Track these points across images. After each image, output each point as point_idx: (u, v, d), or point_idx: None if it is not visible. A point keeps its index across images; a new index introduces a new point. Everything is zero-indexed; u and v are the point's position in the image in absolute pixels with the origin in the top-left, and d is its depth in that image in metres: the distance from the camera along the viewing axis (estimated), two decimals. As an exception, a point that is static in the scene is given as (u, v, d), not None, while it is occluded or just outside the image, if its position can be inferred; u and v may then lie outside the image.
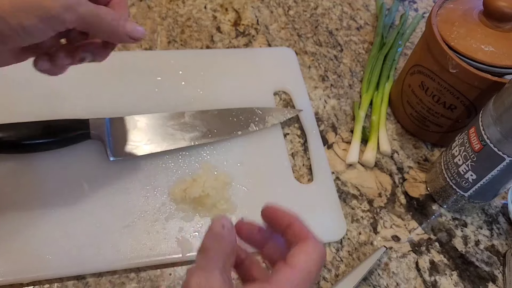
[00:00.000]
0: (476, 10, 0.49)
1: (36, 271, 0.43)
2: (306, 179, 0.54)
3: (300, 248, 0.31)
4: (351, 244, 0.50)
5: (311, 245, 0.31)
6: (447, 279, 0.48)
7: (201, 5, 0.69)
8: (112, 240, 0.45)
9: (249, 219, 0.35)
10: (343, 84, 0.63)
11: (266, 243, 0.34)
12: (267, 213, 0.34)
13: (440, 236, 0.51)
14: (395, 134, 0.59)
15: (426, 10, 0.75)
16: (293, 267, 0.30)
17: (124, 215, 0.47)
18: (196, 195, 0.47)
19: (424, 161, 0.57)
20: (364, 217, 0.52)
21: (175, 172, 0.50)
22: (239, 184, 0.51)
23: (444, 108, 0.52)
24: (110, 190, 0.48)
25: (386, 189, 0.54)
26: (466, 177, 0.47)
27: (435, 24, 0.49)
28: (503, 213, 0.54)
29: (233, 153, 0.53)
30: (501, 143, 0.41)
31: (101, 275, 0.44)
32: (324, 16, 0.72)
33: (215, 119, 0.54)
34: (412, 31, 0.70)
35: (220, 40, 0.66)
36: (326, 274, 0.47)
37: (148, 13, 0.67)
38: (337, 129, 0.59)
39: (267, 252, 0.34)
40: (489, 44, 0.47)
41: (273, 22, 0.69)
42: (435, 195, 0.54)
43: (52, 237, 0.44)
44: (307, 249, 0.31)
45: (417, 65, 0.53)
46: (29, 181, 0.47)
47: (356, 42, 0.69)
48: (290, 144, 0.56)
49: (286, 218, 0.33)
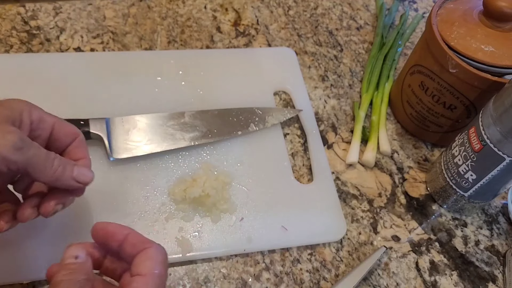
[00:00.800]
0: (476, 10, 0.49)
1: (36, 271, 0.43)
2: (306, 179, 0.54)
3: (144, 256, 0.31)
4: (351, 244, 0.50)
5: (153, 250, 0.31)
6: (447, 279, 0.48)
7: (201, 5, 0.69)
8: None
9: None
10: (343, 84, 0.63)
11: (102, 261, 0.34)
12: (98, 233, 0.33)
13: (440, 236, 0.51)
14: (395, 134, 0.59)
15: (426, 10, 0.75)
16: (144, 275, 0.30)
17: (124, 215, 0.47)
18: (196, 195, 0.47)
19: (424, 161, 0.57)
20: (364, 217, 0.52)
21: (175, 172, 0.50)
22: (239, 184, 0.51)
23: (444, 108, 0.52)
24: (110, 190, 0.48)
25: (386, 189, 0.54)
26: (466, 177, 0.47)
27: (435, 24, 0.49)
28: (503, 213, 0.54)
29: (233, 153, 0.53)
30: (501, 143, 0.41)
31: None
32: (324, 16, 0.72)
33: (215, 119, 0.54)
34: (412, 31, 0.70)
35: (220, 40, 0.66)
36: (326, 274, 0.47)
37: (148, 13, 0.67)
38: (337, 129, 0.59)
39: (106, 269, 0.34)
40: (489, 44, 0.47)
41: (273, 22, 0.69)
42: (435, 195, 0.54)
43: (52, 237, 0.44)
44: (151, 255, 0.31)
45: (417, 65, 0.53)
46: (29, 181, 0.47)
47: (356, 42, 0.69)
48: (290, 144, 0.56)
49: (119, 232, 0.33)
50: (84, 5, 0.66)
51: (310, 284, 0.46)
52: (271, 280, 0.46)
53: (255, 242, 0.47)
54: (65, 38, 0.62)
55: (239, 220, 0.48)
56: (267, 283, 0.46)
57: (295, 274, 0.47)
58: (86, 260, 0.31)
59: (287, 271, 0.47)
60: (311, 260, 0.48)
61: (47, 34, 0.61)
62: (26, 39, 0.60)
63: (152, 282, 0.30)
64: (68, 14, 0.64)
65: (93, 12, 0.65)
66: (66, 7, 0.65)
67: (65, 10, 0.65)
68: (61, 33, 0.62)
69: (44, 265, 0.43)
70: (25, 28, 0.62)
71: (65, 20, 0.63)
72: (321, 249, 0.49)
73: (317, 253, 0.48)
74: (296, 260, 0.48)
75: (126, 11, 0.66)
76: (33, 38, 0.61)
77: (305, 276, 0.47)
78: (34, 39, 0.61)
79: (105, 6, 0.66)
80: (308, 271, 0.47)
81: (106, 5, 0.66)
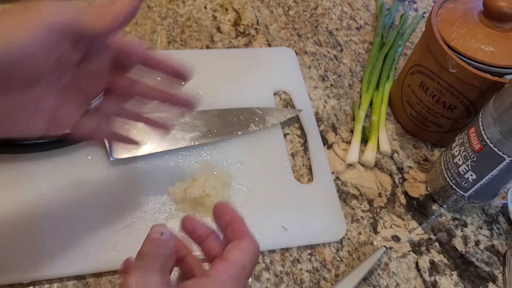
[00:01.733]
0: (476, 10, 0.49)
1: (36, 271, 0.43)
2: (306, 179, 0.54)
3: (236, 244, 0.32)
4: (351, 244, 0.50)
5: (246, 242, 0.33)
6: (447, 279, 0.48)
7: (201, 5, 0.69)
8: (112, 240, 0.45)
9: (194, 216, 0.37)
10: (343, 84, 0.63)
11: (206, 239, 0.36)
12: (216, 209, 0.35)
13: (440, 236, 0.51)
14: (395, 134, 0.59)
15: (426, 10, 0.75)
16: (229, 261, 0.31)
17: (124, 215, 0.47)
18: (196, 195, 0.47)
19: (424, 161, 0.57)
20: (364, 217, 0.52)
21: (175, 172, 0.50)
22: (239, 184, 0.51)
23: (444, 108, 0.52)
24: (110, 190, 0.48)
25: (386, 189, 0.54)
26: (466, 177, 0.47)
27: (435, 24, 0.49)
28: (503, 213, 0.54)
29: (233, 153, 0.53)
30: (501, 143, 0.41)
31: (101, 275, 0.44)
32: (324, 16, 0.72)
33: (215, 119, 0.54)
34: (412, 31, 0.70)
35: (220, 40, 0.66)
36: (326, 274, 0.47)
37: (148, 13, 0.67)
38: (337, 129, 0.59)
39: (206, 248, 0.36)
40: (489, 44, 0.47)
41: (273, 22, 0.69)
42: (435, 195, 0.54)
43: (52, 237, 0.44)
44: (242, 246, 0.32)
45: (417, 65, 0.53)
46: (29, 181, 0.47)
47: (356, 42, 0.69)
48: (290, 144, 0.56)
49: (229, 215, 0.35)
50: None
51: (310, 284, 0.46)
52: (271, 280, 0.46)
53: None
54: (65, 38, 0.61)
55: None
56: (267, 283, 0.46)
57: (295, 274, 0.47)
58: (170, 238, 0.32)
59: (287, 271, 0.47)
60: (311, 260, 0.48)
61: (47, 34, 0.61)
62: (26, 39, 0.60)
63: (233, 271, 0.31)
64: (68, 14, 0.64)
65: (93, 12, 0.65)
66: (66, 7, 0.65)
67: (65, 10, 0.64)
68: (61, 33, 0.62)
69: (44, 265, 0.43)
70: (25, 28, 0.61)
71: (65, 20, 0.63)
72: (321, 249, 0.49)
73: (317, 253, 0.48)
74: (296, 260, 0.48)
75: (126, 11, 0.66)
76: (33, 38, 0.61)
77: (305, 276, 0.47)
78: (34, 39, 0.61)
79: (105, 6, 0.66)
80: (308, 271, 0.47)
81: (106, 5, 0.66)
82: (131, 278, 0.29)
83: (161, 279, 0.29)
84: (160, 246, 0.32)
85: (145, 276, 0.29)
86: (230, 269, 0.31)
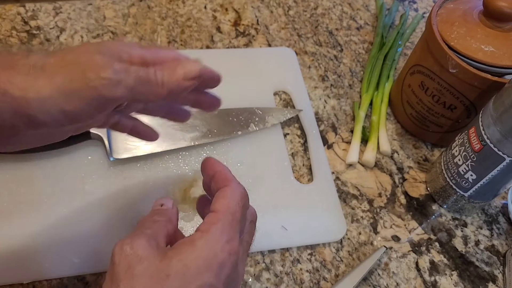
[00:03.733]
0: (476, 10, 0.49)
1: (36, 271, 0.43)
2: (306, 179, 0.54)
3: (220, 193, 0.32)
4: (351, 244, 0.50)
5: (230, 188, 0.33)
6: (447, 279, 0.48)
7: (201, 5, 0.69)
8: (112, 240, 0.45)
9: None
10: (343, 84, 0.63)
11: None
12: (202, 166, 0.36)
13: (440, 236, 0.51)
14: (395, 134, 0.59)
15: (426, 10, 0.75)
16: (216, 211, 0.31)
17: (124, 215, 0.47)
18: (196, 195, 0.47)
19: (424, 161, 0.57)
20: (364, 217, 0.52)
21: (175, 172, 0.50)
22: (239, 184, 0.51)
23: (444, 108, 0.52)
24: (110, 190, 0.48)
25: (386, 189, 0.54)
26: (466, 177, 0.47)
27: (435, 24, 0.49)
28: (503, 213, 0.54)
29: (233, 153, 0.53)
30: (501, 143, 0.41)
31: (101, 275, 0.44)
32: (324, 16, 0.72)
33: (215, 119, 0.54)
34: (412, 31, 0.70)
35: (220, 40, 0.66)
36: (326, 274, 0.47)
37: (148, 13, 0.67)
38: (337, 129, 0.59)
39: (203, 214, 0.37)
40: (489, 44, 0.47)
41: (273, 22, 0.69)
42: (435, 195, 0.54)
43: (52, 237, 0.44)
44: (226, 193, 0.32)
45: (417, 65, 0.53)
46: (29, 181, 0.47)
47: (356, 42, 0.69)
48: (290, 144, 0.56)
49: (212, 168, 0.34)
50: (84, 5, 0.66)
51: (310, 284, 0.46)
52: (271, 280, 0.46)
53: (255, 242, 0.47)
54: (65, 38, 0.62)
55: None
56: (267, 283, 0.46)
57: (295, 274, 0.47)
58: (171, 207, 0.34)
59: (287, 271, 0.47)
60: (311, 260, 0.48)
61: (47, 34, 0.61)
62: (26, 39, 0.60)
63: (223, 219, 0.31)
64: (68, 14, 0.64)
65: (93, 12, 0.65)
66: (66, 7, 0.65)
67: (65, 10, 0.65)
68: (61, 33, 0.62)
69: (44, 265, 0.43)
70: (25, 28, 0.62)
71: (65, 20, 0.63)
72: (321, 249, 0.49)
73: (317, 253, 0.48)
74: (296, 260, 0.48)
75: (126, 11, 0.66)
76: (33, 38, 0.61)
77: (305, 276, 0.47)
78: (34, 39, 0.61)
79: (105, 6, 0.66)
80: (308, 271, 0.47)
81: (106, 5, 0.66)
82: (118, 245, 0.29)
83: (148, 243, 0.29)
84: (156, 215, 0.32)
85: (132, 242, 0.29)
86: (218, 219, 0.31)
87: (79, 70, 0.28)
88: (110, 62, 0.28)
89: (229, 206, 0.31)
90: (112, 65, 0.28)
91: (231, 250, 0.30)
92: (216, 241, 0.29)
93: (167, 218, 0.33)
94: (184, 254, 0.29)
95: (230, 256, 0.30)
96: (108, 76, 0.28)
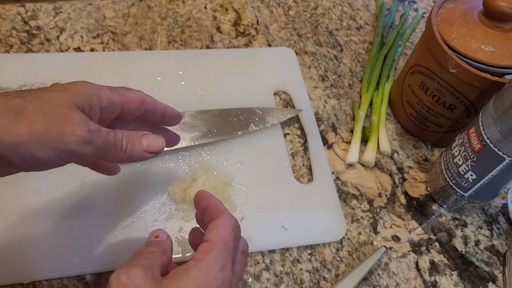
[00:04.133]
0: (476, 10, 0.49)
1: (36, 271, 0.43)
2: (306, 179, 0.54)
3: (213, 224, 0.34)
4: (351, 244, 0.50)
5: (222, 219, 0.34)
6: (447, 279, 0.48)
7: (201, 5, 0.69)
8: (112, 240, 0.45)
9: None
10: (343, 84, 0.63)
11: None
12: (195, 199, 0.37)
13: (440, 236, 0.51)
14: (395, 134, 0.59)
15: (426, 10, 0.75)
16: (210, 241, 0.32)
17: (124, 215, 0.47)
18: (196, 195, 0.47)
19: (424, 161, 0.57)
20: (364, 217, 0.52)
21: (175, 172, 0.50)
22: (239, 184, 0.51)
23: (444, 108, 0.52)
24: (110, 190, 0.48)
25: (386, 189, 0.54)
26: (466, 177, 0.47)
27: (435, 24, 0.49)
28: (503, 213, 0.54)
29: (233, 153, 0.53)
30: (501, 143, 0.41)
31: (101, 275, 0.44)
32: (324, 16, 0.72)
33: (215, 119, 0.54)
34: (412, 31, 0.70)
35: (220, 40, 0.66)
36: (326, 274, 0.47)
37: (148, 13, 0.67)
38: (337, 129, 0.59)
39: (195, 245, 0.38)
40: (489, 44, 0.47)
41: (273, 22, 0.69)
42: (435, 195, 0.54)
43: (51, 237, 0.44)
44: (218, 224, 0.34)
45: (417, 65, 0.53)
46: (28, 181, 0.47)
47: (356, 42, 0.69)
48: (290, 144, 0.56)
49: (205, 201, 0.36)
50: (84, 5, 0.66)
51: (310, 284, 0.46)
52: (271, 280, 0.46)
53: (255, 242, 0.47)
54: (65, 38, 0.62)
55: (239, 220, 0.48)
56: (267, 283, 0.46)
57: (295, 274, 0.47)
58: (165, 239, 0.35)
59: (287, 271, 0.47)
60: (311, 260, 0.48)
61: (47, 34, 0.61)
62: (26, 39, 0.60)
63: (216, 248, 0.32)
64: (68, 14, 0.64)
65: (93, 12, 0.65)
66: (66, 7, 0.65)
67: (65, 10, 0.65)
68: (61, 33, 0.62)
69: (44, 265, 0.43)
70: (25, 28, 0.62)
71: (65, 20, 0.63)
72: (321, 249, 0.49)
73: (317, 253, 0.48)
74: (296, 260, 0.48)
75: (126, 11, 0.66)
76: (33, 38, 0.61)
77: (305, 276, 0.47)
78: (34, 39, 0.61)
79: (105, 6, 0.66)
80: (308, 271, 0.47)
81: (106, 5, 0.66)
82: (115, 275, 0.30)
83: (144, 273, 0.30)
84: (151, 246, 0.34)
85: (129, 272, 0.30)
86: (211, 248, 0.32)
87: (57, 122, 0.30)
88: (86, 121, 0.31)
89: (221, 236, 0.33)
90: (87, 124, 0.31)
91: (224, 278, 0.31)
92: (210, 270, 0.31)
93: (162, 249, 0.34)
94: (179, 282, 0.30)
95: (223, 284, 0.31)
96: (82, 134, 0.31)
